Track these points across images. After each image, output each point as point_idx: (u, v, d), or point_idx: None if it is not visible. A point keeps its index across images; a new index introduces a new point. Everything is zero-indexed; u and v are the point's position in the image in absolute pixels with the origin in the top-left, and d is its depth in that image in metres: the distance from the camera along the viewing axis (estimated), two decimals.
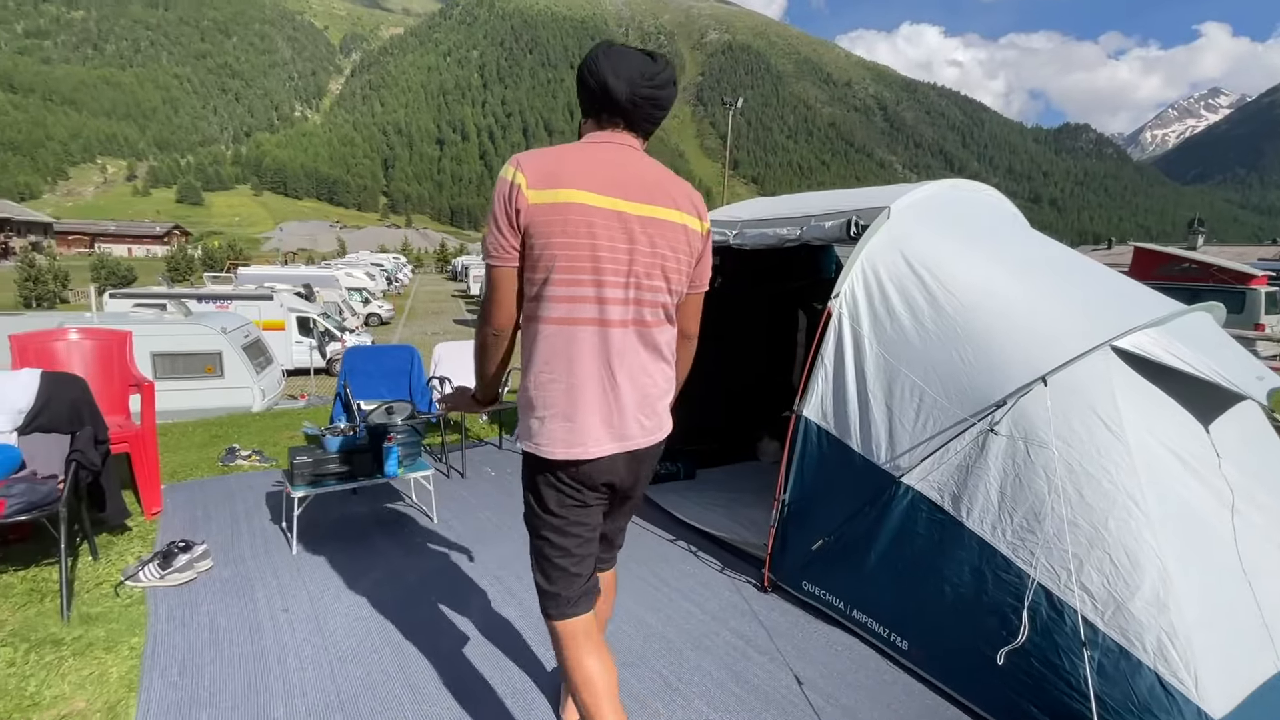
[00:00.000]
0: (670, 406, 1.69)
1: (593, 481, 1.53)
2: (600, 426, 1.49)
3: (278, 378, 13.88)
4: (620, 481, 1.58)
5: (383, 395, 4.40)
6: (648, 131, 1.59)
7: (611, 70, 1.50)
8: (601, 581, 1.81)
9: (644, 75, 1.50)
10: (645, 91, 1.50)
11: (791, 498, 2.84)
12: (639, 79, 1.50)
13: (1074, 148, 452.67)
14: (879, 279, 2.80)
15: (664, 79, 1.53)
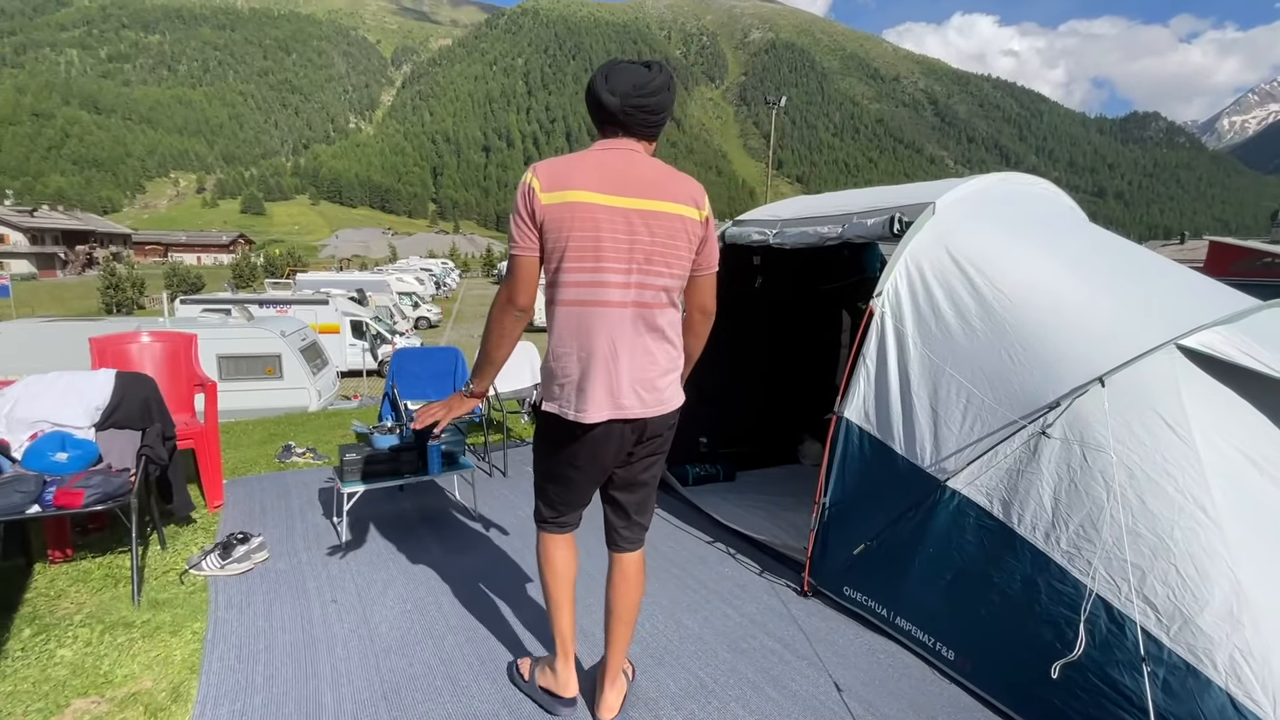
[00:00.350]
0: (683, 380, 1.97)
1: (590, 442, 1.77)
2: (604, 395, 1.71)
3: (333, 379, 14.45)
4: (618, 447, 1.81)
5: (428, 395, 4.53)
6: (649, 135, 1.79)
7: (606, 87, 1.72)
8: (627, 565, 2.01)
9: (635, 88, 1.70)
10: (635, 102, 1.70)
11: (832, 501, 2.78)
12: (630, 92, 1.70)
13: (1142, 137, 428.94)
14: (923, 277, 2.72)
15: (653, 87, 1.71)
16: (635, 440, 1.83)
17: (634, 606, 2.01)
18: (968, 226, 2.87)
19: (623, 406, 1.73)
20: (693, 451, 4.54)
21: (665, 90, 1.73)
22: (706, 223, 1.81)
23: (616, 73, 1.73)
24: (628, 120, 1.73)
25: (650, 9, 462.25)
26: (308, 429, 5.65)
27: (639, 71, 1.73)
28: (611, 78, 1.72)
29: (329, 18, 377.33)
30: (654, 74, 1.73)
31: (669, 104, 1.76)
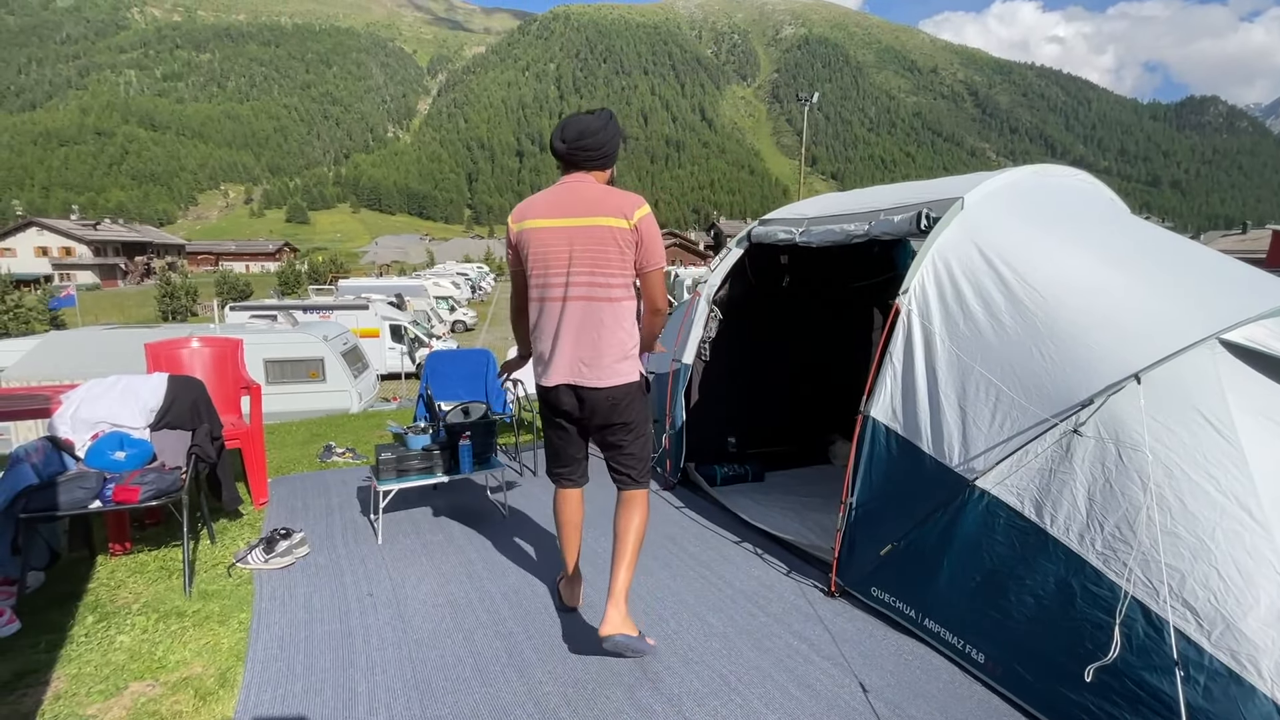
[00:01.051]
0: (639, 354, 2.38)
1: (553, 403, 2.35)
2: (557, 367, 2.27)
3: (373, 382, 14.86)
4: (572, 410, 2.32)
5: (461, 396, 4.63)
6: (598, 165, 2.32)
7: (559, 137, 2.31)
8: (626, 496, 2.43)
9: (578, 134, 2.26)
10: (579, 145, 2.26)
11: (859, 501, 2.76)
12: (574, 139, 2.26)
13: (1200, 123, 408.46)
14: (951, 273, 2.68)
15: (593, 129, 2.28)
16: (579, 405, 2.29)
17: (630, 529, 2.35)
18: (998, 221, 2.81)
19: (569, 376, 2.24)
20: (721, 452, 4.54)
21: (604, 130, 2.29)
22: (636, 229, 2.21)
23: (568, 125, 2.31)
24: (574, 159, 2.28)
25: (680, 9, 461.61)
26: (348, 430, 5.85)
27: (585, 120, 2.30)
28: (564, 130, 2.29)
29: (367, 30, 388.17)
30: (595, 119, 2.30)
31: (609, 138, 2.29)
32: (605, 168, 2.33)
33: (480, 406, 3.70)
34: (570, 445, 2.44)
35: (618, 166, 2.45)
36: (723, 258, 4.27)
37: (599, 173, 2.32)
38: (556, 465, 2.52)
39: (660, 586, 2.82)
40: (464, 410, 3.65)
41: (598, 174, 2.31)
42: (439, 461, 3.38)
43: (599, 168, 2.31)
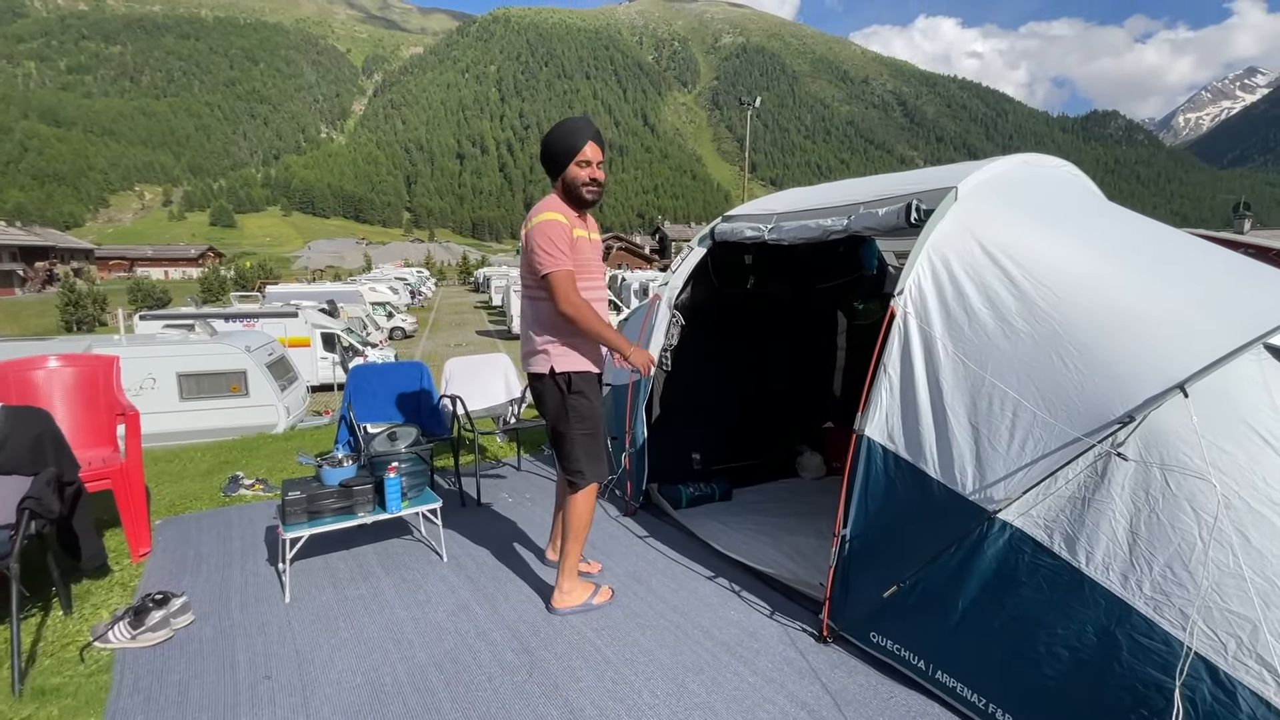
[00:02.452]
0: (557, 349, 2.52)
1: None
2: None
3: (302, 394, 13.81)
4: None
5: (391, 417, 4.08)
6: (552, 181, 2.55)
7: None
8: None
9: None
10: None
11: (854, 533, 2.41)
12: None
13: (1103, 135, 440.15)
14: (950, 271, 2.37)
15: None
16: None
17: (565, 522, 2.60)
18: (996, 213, 2.53)
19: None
20: (685, 469, 4.16)
21: (542, 143, 2.54)
22: (526, 235, 2.45)
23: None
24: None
25: (621, 15, 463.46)
26: (262, 455, 5.15)
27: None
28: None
29: (297, 27, 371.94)
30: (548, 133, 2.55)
31: (542, 150, 2.52)
32: (553, 182, 2.52)
33: (410, 431, 3.18)
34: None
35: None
36: (684, 258, 3.89)
37: (553, 186, 2.55)
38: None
39: (630, 644, 2.39)
40: (390, 435, 3.12)
41: (554, 187, 2.55)
42: (361, 499, 2.85)
43: (553, 183, 2.54)
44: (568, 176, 2.44)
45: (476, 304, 46.04)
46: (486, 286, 47.68)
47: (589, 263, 2.50)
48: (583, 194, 2.45)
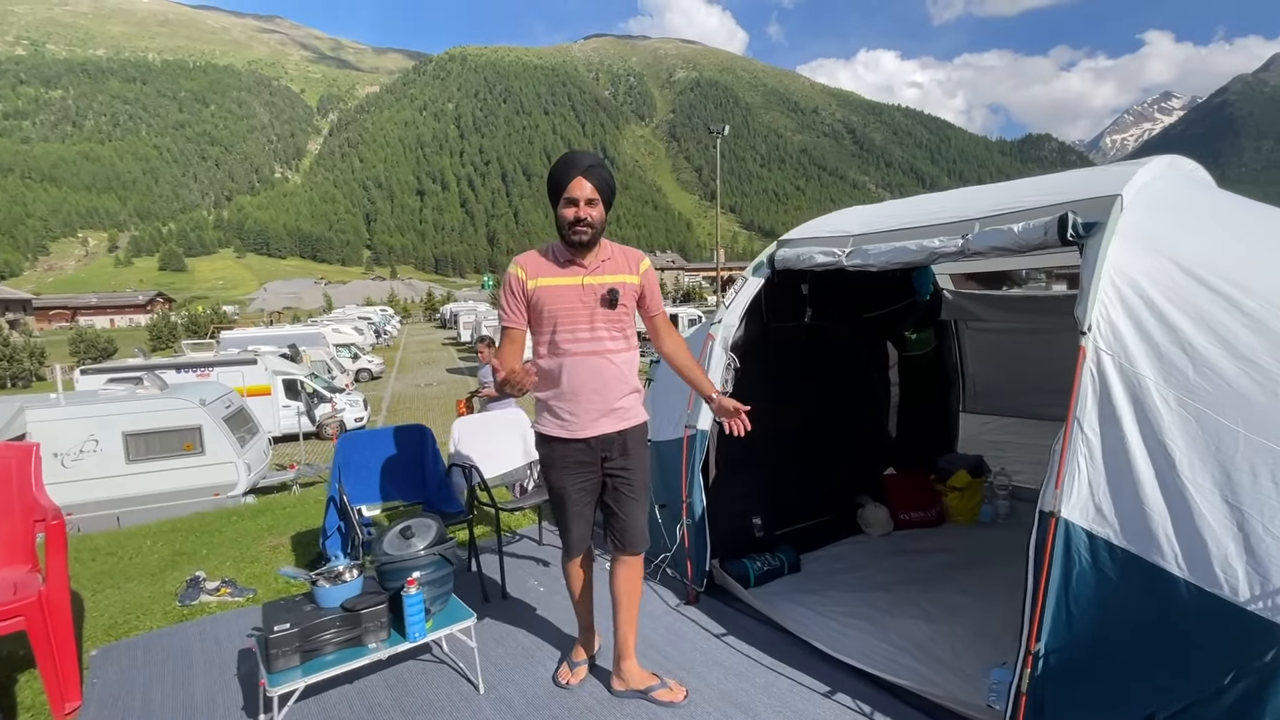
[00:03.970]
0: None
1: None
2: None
3: (264, 448, 12.76)
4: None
5: (389, 495, 3.37)
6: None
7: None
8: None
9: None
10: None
11: (1052, 645, 1.82)
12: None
13: (1039, 157, 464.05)
14: (1147, 300, 1.85)
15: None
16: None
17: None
18: (1180, 225, 2.04)
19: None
20: (746, 538, 3.54)
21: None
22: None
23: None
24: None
25: (577, 53, 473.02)
26: (224, 540, 4.34)
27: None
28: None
29: (249, 68, 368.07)
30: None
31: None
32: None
33: (428, 524, 2.49)
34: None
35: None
36: (739, 290, 3.33)
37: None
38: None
39: None
40: (403, 532, 2.43)
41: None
42: (372, 625, 2.15)
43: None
44: (557, 215, 2.22)
45: (444, 340, 44.85)
46: (454, 322, 46.60)
47: (562, 313, 2.21)
48: (568, 235, 2.20)
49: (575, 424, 2.27)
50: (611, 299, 2.23)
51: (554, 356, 2.26)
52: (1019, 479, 4.26)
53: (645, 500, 2.41)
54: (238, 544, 4.19)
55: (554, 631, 2.83)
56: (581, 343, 2.24)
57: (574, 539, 2.38)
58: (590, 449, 2.30)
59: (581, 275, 2.24)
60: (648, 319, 2.39)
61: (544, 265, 2.25)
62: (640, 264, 2.35)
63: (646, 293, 2.36)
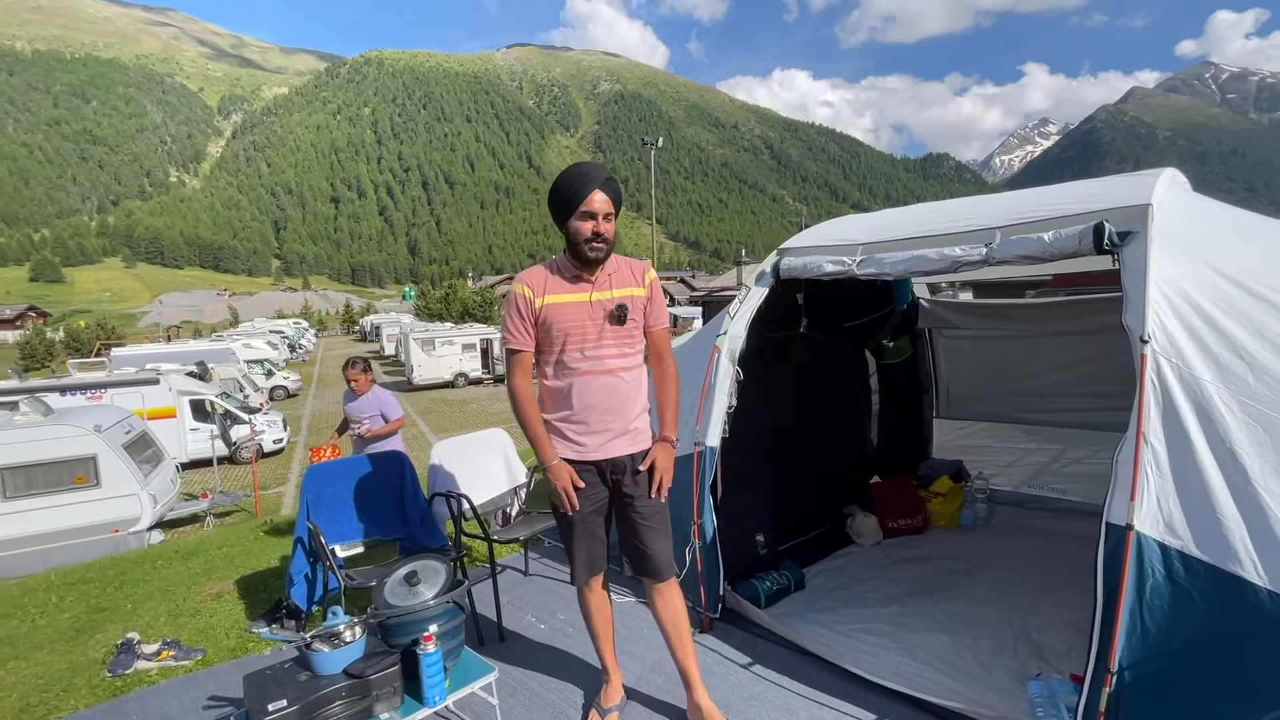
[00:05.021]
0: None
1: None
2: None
3: (171, 476, 11.55)
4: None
5: (367, 532, 3.01)
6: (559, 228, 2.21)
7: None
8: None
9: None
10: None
11: (1128, 661, 1.78)
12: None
13: (938, 174, 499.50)
14: (1198, 308, 1.87)
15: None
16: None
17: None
18: (1211, 235, 2.09)
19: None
20: (750, 556, 3.41)
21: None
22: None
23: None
24: None
25: (500, 61, 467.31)
26: (153, 589, 3.77)
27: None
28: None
29: (137, 63, 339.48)
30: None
31: (549, 206, 2.15)
32: (558, 227, 2.14)
33: (435, 566, 2.20)
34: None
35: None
36: (743, 300, 3.21)
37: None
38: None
39: None
40: (408, 578, 2.13)
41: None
42: (383, 692, 1.84)
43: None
44: (570, 229, 2.08)
45: (366, 354, 42.69)
46: (376, 335, 44.44)
47: (572, 330, 2.09)
48: (584, 251, 2.07)
49: (587, 446, 2.14)
50: (620, 315, 2.12)
51: (562, 376, 2.12)
52: (995, 482, 4.37)
53: (665, 524, 2.23)
54: (170, 594, 3.65)
55: (571, 675, 2.58)
56: (591, 361, 2.12)
57: (587, 559, 2.21)
58: (601, 471, 2.17)
59: (589, 291, 2.12)
60: (646, 332, 2.23)
61: (550, 281, 2.12)
62: (645, 275, 2.23)
63: (650, 304, 2.22)
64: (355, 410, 4.29)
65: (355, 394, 4.30)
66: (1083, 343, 4.01)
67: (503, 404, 22.22)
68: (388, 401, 4.33)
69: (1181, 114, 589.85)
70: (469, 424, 18.64)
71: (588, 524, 2.18)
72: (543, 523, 3.34)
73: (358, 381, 4.29)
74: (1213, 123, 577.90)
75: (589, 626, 2.32)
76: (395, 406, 4.37)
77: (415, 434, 17.80)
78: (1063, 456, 4.17)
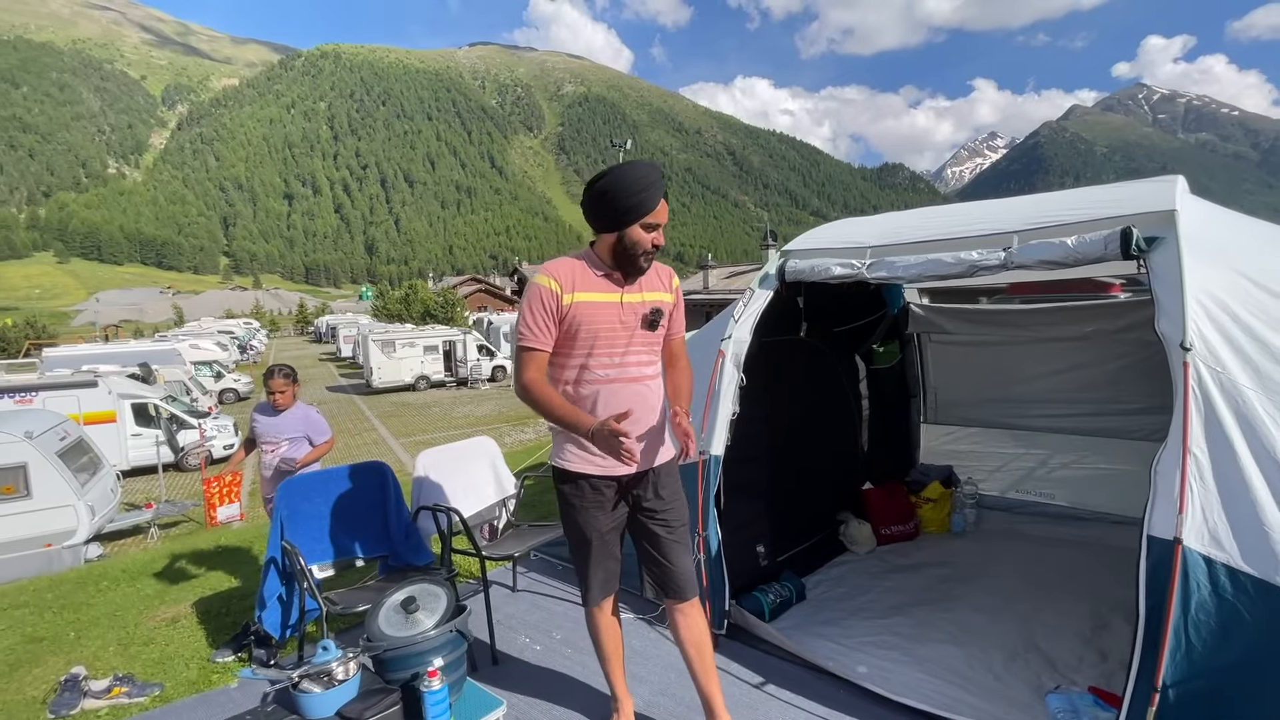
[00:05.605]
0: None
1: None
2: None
3: (111, 485, 10.84)
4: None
5: (347, 550, 2.78)
6: (600, 228, 2.01)
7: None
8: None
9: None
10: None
11: (1175, 678, 1.72)
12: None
13: (894, 183, 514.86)
14: (1234, 316, 1.84)
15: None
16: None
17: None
18: (1234, 241, 2.07)
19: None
20: (752, 568, 3.29)
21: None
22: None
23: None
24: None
25: (462, 59, 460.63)
26: (99, 618, 3.43)
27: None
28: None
29: (73, 47, 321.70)
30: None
31: (596, 205, 1.96)
32: (597, 228, 1.99)
33: (434, 591, 2.01)
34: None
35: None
36: (746, 304, 3.11)
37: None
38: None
39: None
40: (405, 604, 1.93)
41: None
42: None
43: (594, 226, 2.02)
44: (629, 237, 1.92)
45: (321, 356, 41.26)
46: (332, 337, 43.03)
47: (602, 333, 1.94)
48: (640, 261, 1.95)
49: (610, 460, 1.95)
50: (654, 319, 1.99)
51: (588, 383, 1.96)
52: (982, 487, 4.38)
53: (688, 539, 2.10)
54: (118, 620, 3.32)
55: (576, 700, 2.41)
56: (618, 368, 1.97)
57: (603, 579, 2.08)
58: (622, 486, 2.02)
59: (620, 292, 1.97)
60: (667, 339, 2.11)
61: (581, 277, 1.96)
62: (672, 280, 2.12)
63: (675, 311, 2.10)
64: (273, 430, 3.43)
65: (276, 409, 3.45)
66: (1070, 349, 4.05)
67: (467, 407, 21.64)
68: (315, 422, 3.52)
69: (1117, 132, 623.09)
70: (431, 428, 18.12)
71: (606, 543, 2.03)
72: (535, 536, 3.15)
73: (283, 394, 3.44)
74: (1145, 141, 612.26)
75: (599, 650, 2.16)
76: (324, 428, 3.55)
77: (375, 439, 17.21)
78: (1049, 462, 4.20)
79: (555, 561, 3.73)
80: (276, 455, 3.40)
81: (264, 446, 3.46)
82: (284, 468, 3.34)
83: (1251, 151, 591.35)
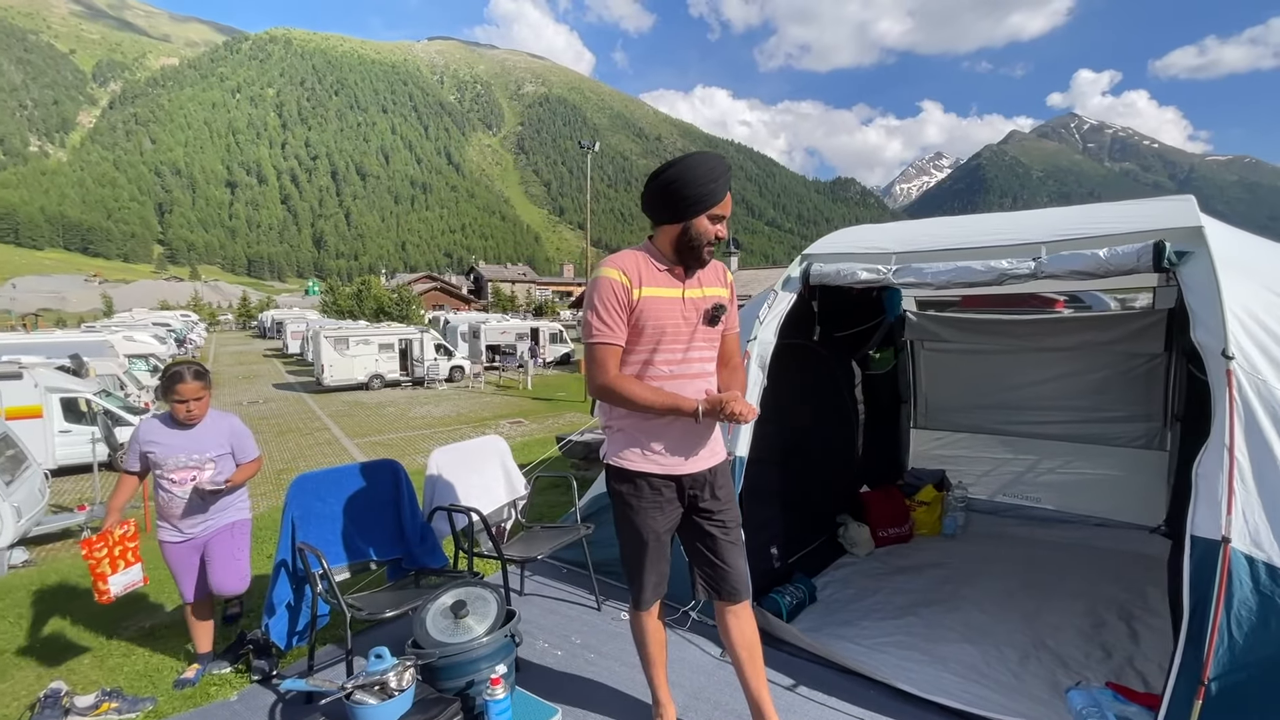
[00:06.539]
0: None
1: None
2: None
3: (39, 485, 10.05)
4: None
5: (361, 553, 2.64)
6: (661, 220, 1.98)
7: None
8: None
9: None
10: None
11: (1219, 671, 1.80)
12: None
13: (846, 197, 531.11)
14: (1262, 323, 1.94)
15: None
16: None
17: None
18: (1255, 256, 2.19)
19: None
20: (766, 569, 3.30)
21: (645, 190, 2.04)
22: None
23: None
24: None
25: (420, 53, 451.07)
26: (63, 626, 3.15)
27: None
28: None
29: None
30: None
31: (659, 196, 1.93)
32: (657, 219, 1.97)
33: (484, 595, 1.92)
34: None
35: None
36: (771, 305, 3.11)
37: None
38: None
39: None
40: (455, 609, 1.84)
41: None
42: None
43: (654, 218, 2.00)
44: (695, 229, 1.89)
45: (266, 351, 39.46)
46: (278, 332, 41.25)
47: (667, 329, 1.91)
48: (702, 254, 1.94)
49: (672, 459, 1.94)
50: (715, 315, 1.97)
51: (650, 380, 1.91)
52: (971, 491, 4.52)
53: (742, 540, 2.08)
54: (93, 628, 3.05)
55: (612, 708, 2.35)
56: (681, 364, 1.94)
57: (655, 582, 2.03)
58: (681, 487, 1.99)
59: (681, 288, 1.94)
60: (722, 336, 2.09)
61: (647, 271, 1.92)
62: (727, 275, 2.10)
63: (730, 306, 2.09)
64: (189, 448, 2.53)
65: (186, 425, 2.55)
66: (1059, 358, 4.23)
67: (424, 407, 21.03)
68: (241, 433, 2.67)
69: (1051, 158, 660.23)
70: (387, 428, 17.52)
71: (662, 544, 1.99)
72: (552, 538, 3.07)
73: (199, 402, 2.54)
74: (1076, 168, 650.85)
75: (643, 654, 2.11)
76: (251, 442, 2.70)
77: (329, 439, 16.52)
78: (1037, 466, 4.36)
79: (559, 564, 3.64)
80: (201, 482, 2.53)
81: (172, 475, 2.52)
82: (210, 488, 2.52)
83: (1169, 182, 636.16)
